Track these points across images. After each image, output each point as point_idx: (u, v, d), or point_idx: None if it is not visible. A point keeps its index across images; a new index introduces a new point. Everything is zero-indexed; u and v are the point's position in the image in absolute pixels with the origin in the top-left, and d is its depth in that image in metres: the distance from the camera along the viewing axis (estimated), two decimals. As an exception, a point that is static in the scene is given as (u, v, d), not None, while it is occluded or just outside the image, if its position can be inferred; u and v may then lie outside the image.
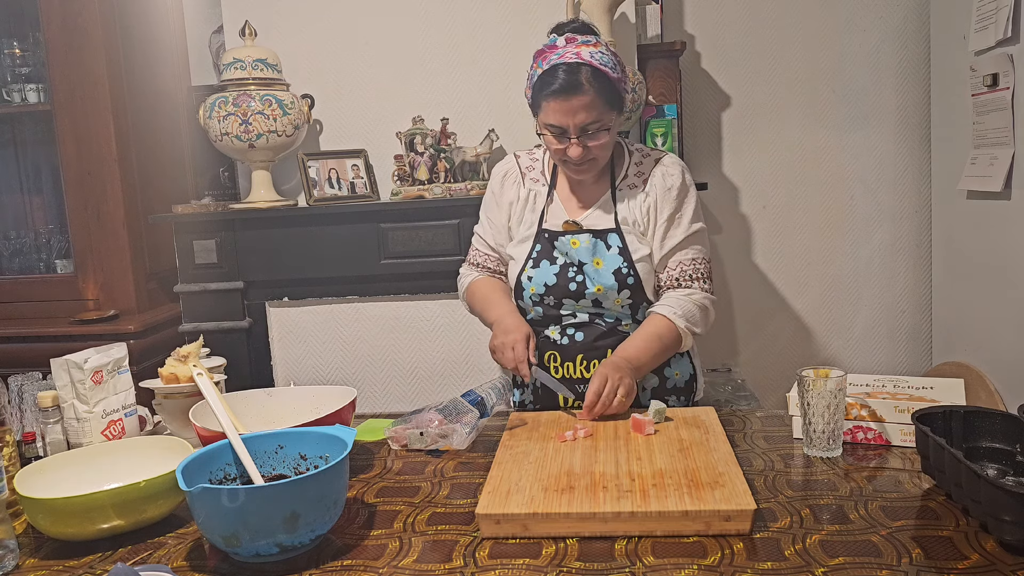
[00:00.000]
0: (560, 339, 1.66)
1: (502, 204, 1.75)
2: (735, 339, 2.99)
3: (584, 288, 1.63)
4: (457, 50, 2.56)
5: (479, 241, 1.81)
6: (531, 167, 1.76)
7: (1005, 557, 0.97)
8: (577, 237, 1.64)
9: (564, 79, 1.51)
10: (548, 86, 1.53)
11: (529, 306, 1.69)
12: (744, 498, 1.08)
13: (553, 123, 1.55)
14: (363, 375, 2.58)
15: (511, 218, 1.74)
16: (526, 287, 1.67)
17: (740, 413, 1.58)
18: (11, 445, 1.37)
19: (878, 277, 2.92)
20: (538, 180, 1.74)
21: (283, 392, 1.55)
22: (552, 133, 1.57)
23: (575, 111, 1.52)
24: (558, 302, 1.65)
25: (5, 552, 1.07)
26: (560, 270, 1.64)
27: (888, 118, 2.84)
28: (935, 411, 1.22)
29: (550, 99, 1.54)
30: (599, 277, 1.62)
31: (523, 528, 1.08)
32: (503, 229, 1.76)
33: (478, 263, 1.81)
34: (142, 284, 2.67)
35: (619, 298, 1.63)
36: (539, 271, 1.66)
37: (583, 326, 1.66)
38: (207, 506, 1.02)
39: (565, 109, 1.53)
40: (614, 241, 1.64)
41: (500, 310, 1.67)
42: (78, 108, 2.55)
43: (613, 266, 1.62)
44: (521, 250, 1.70)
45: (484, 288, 1.76)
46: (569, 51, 1.53)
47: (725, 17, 2.84)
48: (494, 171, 1.80)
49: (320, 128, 2.65)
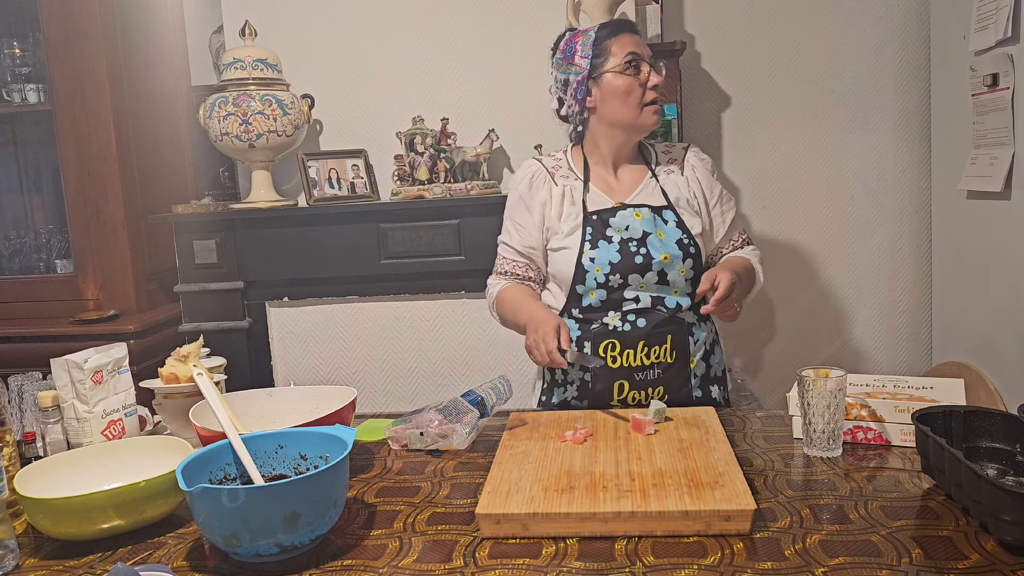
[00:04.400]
0: (622, 326, 1.65)
1: (533, 206, 1.73)
2: (735, 340, 2.99)
3: (650, 260, 1.63)
4: (457, 50, 2.56)
5: (506, 249, 1.79)
6: (557, 167, 1.77)
7: (1005, 557, 0.97)
8: (638, 210, 1.68)
9: (621, 23, 1.68)
10: (612, 28, 1.67)
11: (591, 289, 1.66)
12: (744, 498, 1.08)
13: (632, 51, 1.65)
14: (363, 375, 2.58)
15: (547, 218, 1.73)
16: (589, 269, 1.65)
17: (740, 413, 1.58)
18: (11, 445, 1.37)
19: (878, 277, 2.91)
20: (568, 176, 1.75)
21: (283, 392, 1.55)
22: (632, 65, 1.65)
23: (641, 44, 1.67)
24: (623, 281, 1.64)
25: (5, 552, 1.07)
26: (621, 247, 1.64)
27: (888, 118, 2.84)
28: (935, 411, 1.22)
29: (620, 34, 1.66)
30: (664, 246, 1.64)
31: (523, 528, 1.08)
32: (534, 231, 1.74)
33: (506, 271, 1.78)
34: (142, 284, 2.67)
35: (683, 267, 1.66)
36: (599, 251, 1.64)
37: (644, 312, 1.65)
38: (207, 506, 1.02)
39: (635, 42, 1.67)
40: (670, 216, 1.69)
41: (529, 309, 1.64)
42: (78, 108, 2.56)
43: (675, 237, 1.67)
44: (571, 240, 1.68)
45: (512, 294, 1.73)
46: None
47: (725, 17, 2.84)
48: (518, 176, 1.78)
49: (320, 128, 2.65)
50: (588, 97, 1.68)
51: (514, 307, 1.70)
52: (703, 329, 1.72)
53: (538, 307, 1.64)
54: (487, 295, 1.83)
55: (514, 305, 1.70)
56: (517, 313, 1.68)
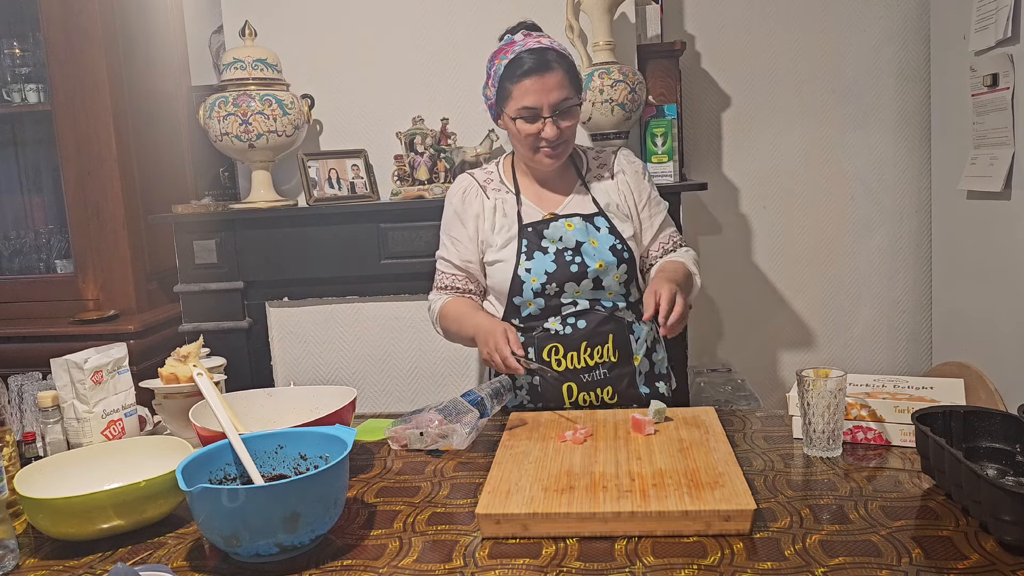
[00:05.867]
0: (563, 329, 1.67)
1: (467, 219, 1.76)
2: (735, 339, 2.99)
3: (585, 268, 1.66)
4: (457, 50, 2.56)
5: (444, 264, 1.80)
6: (488, 180, 1.79)
7: (1005, 557, 0.97)
8: (570, 220, 1.69)
9: (535, 59, 1.59)
10: (518, 69, 1.60)
11: (529, 299, 1.68)
12: (744, 498, 1.08)
13: (527, 104, 1.60)
14: (363, 375, 2.58)
15: (480, 230, 1.75)
16: (526, 280, 1.67)
17: (740, 413, 1.58)
18: (11, 445, 1.37)
19: (878, 277, 2.92)
20: (500, 189, 1.77)
21: (283, 392, 1.55)
22: (525, 117, 1.61)
23: (549, 89, 1.59)
24: (559, 289, 1.66)
25: (5, 552, 1.07)
26: (556, 256, 1.67)
27: (888, 118, 2.84)
28: (935, 411, 1.22)
29: (523, 79, 1.59)
30: (598, 254, 1.67)
31: (523, 528, 1.08)
32: (470, 244, 1.75)
33: (446, 286, 1.79)
34: (142, 284, 2.67)
35: (618, 273, 1.68)
36: (535, 262, 1.67)
37: (584, 314, 1.68)
38: (207, 506, 1.02)
39: (539, 88, 1.59)
40: (601, 223, 1.71)
41: (474, 321, 1.66)
42: (78, 108, 2.55)
43: (608, 243, 1.69)
44: (507, 252, 1.71)
45: (455, 308, 1.74)
46: (530, 41, 1.62)
47: (725, 17, 2.84)
48: (450, 192, 1.81)
49: (320, 128, 2.65)
50: (499, 119, 1.70)
51: (458, 320, 1.71)
52: (643, 326, 1.74)
53: (482, 317, 1.66)
54: (429, 312, 1.83)
55: (458, 317, 1.72)
56: (462, 325, 1.70)
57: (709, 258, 2.93)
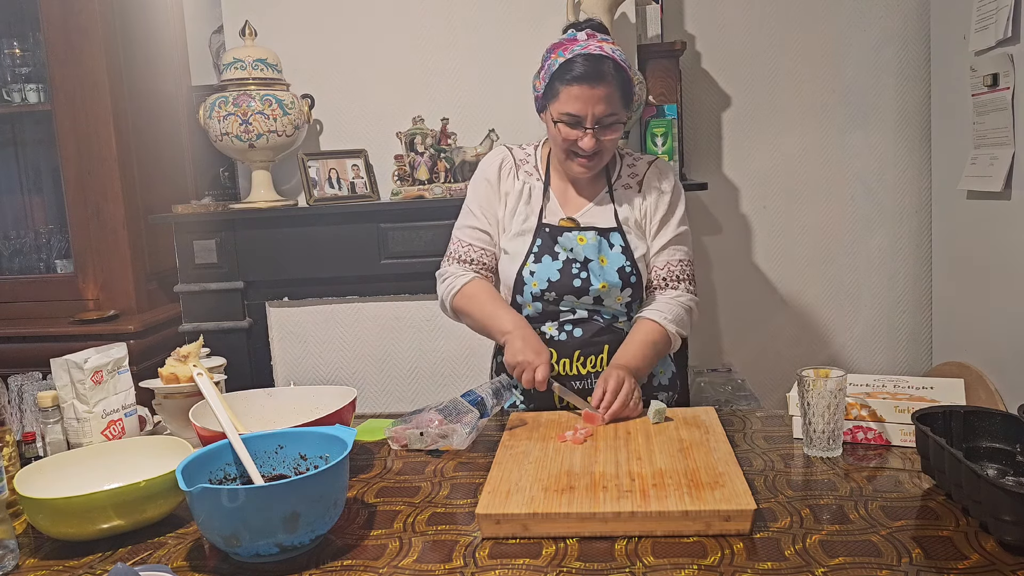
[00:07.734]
0: (558, 335, 1.65)
1: (500, 192, 1.70)
2: (735, 339, 2.99)
3: (588, 285, 1.62)
4: (457, 50, 2.56)
5: (472, 233, 1.71)
6: (525, 160, 1.73)
7: (1005, 557, 0.97)
8: (583, 234, 1.63)
9: (589, 67, 1.52)
10: (570, 72, 1.53)
11: (528, 301, 1.66)
12: (744, 498, 1.08)
13: (571, 111, 1.54)
14: (363, 375, 2.58)
15: (505, 209, 1.70)
16: (527, 282, 1.65)
17: (740, 413, 1.58)
18: (11, 445, 1.37)
19: (878, 277, 2.92)
20: (532, 174, 1.71)
21: (283, 392, 1.55)
22: (567, 122, 1.56)
23: (595, 101, 1.53)
24: (559, 298, 1.64)
25: (5, 552, 1.07)
26: (563, 266, 1.63)
27: (888, 118, 2.84)
28: (935, 411, 1.22)
29: (572, 85, 1.53)
30: (604, 274, 1.62)
31: (523, 528, 1.08)
32: (497, 220, 1.71)
33: (471, 259, 1.70)
34: (142, 284, 2.67)
35: (620, 296, 1.64)
36: (541, 266, 1.63)
37: (581, 322, 1.65)
38: (207, 506, 1.02)
39: (587, 97, 1.53)
40: (616, 240, 1.65)
41: (512, 321, 1.60)
42: (78, 108, 2.56)
43: (617, 264, 1.63)
44: (518, 244, 1.66)
45: (484, 292, 1.66)
46: (592, 44, 1.55)
47: (725, 17, 2.84)
48: (486, 161, 1.74)
49: (320, 128, 2.65)
50: (543, 113, 1.65)
51: (489, 309, 1.64)
52: None
53: (522, 323, 1.61)
54: (444, 285, 1.71)
55: (489, 306, 1.64)
56: (492, 318, 1.63)
57: (709, 258, 2.93)
